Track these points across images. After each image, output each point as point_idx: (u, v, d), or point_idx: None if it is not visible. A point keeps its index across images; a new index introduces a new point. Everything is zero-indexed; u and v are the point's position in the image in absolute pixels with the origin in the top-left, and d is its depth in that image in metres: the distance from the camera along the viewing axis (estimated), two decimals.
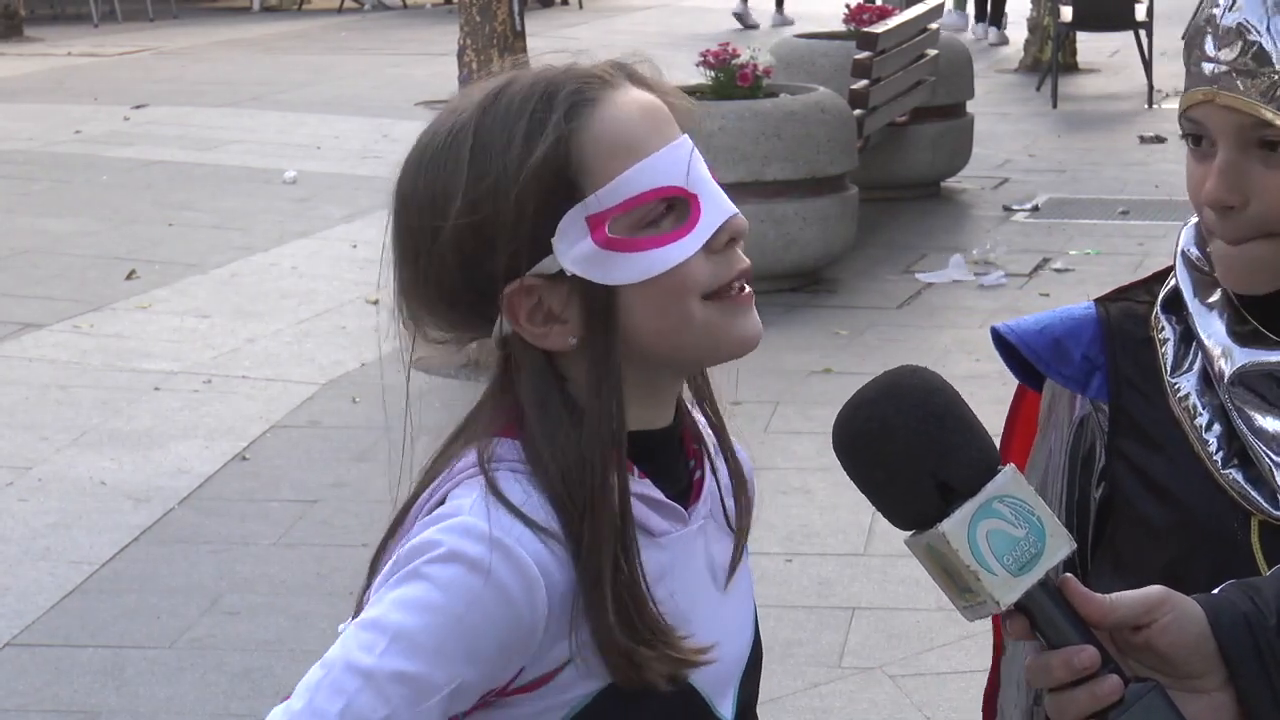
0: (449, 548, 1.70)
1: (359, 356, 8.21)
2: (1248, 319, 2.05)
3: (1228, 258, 2.01)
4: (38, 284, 9.53)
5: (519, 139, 1.72)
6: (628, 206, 1.73)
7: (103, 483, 6.76)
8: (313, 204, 11.54)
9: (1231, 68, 1.98)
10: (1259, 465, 2.02)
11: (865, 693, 5.14)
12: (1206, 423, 2.05)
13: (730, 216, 1.77)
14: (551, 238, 1.73)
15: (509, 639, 1.71)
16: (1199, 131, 2.01)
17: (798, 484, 6.58)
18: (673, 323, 1.75)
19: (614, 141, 1.73)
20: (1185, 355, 2.09)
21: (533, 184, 1.71)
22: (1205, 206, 2.00)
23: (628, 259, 1.73)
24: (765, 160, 9.14)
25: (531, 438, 1.76)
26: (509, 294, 1.75)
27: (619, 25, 22.30)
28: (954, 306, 9.13)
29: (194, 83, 16.88)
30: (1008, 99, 16.01)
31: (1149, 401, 2.10)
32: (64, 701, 5.14)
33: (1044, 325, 2.17)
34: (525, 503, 1.73)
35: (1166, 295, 2.13)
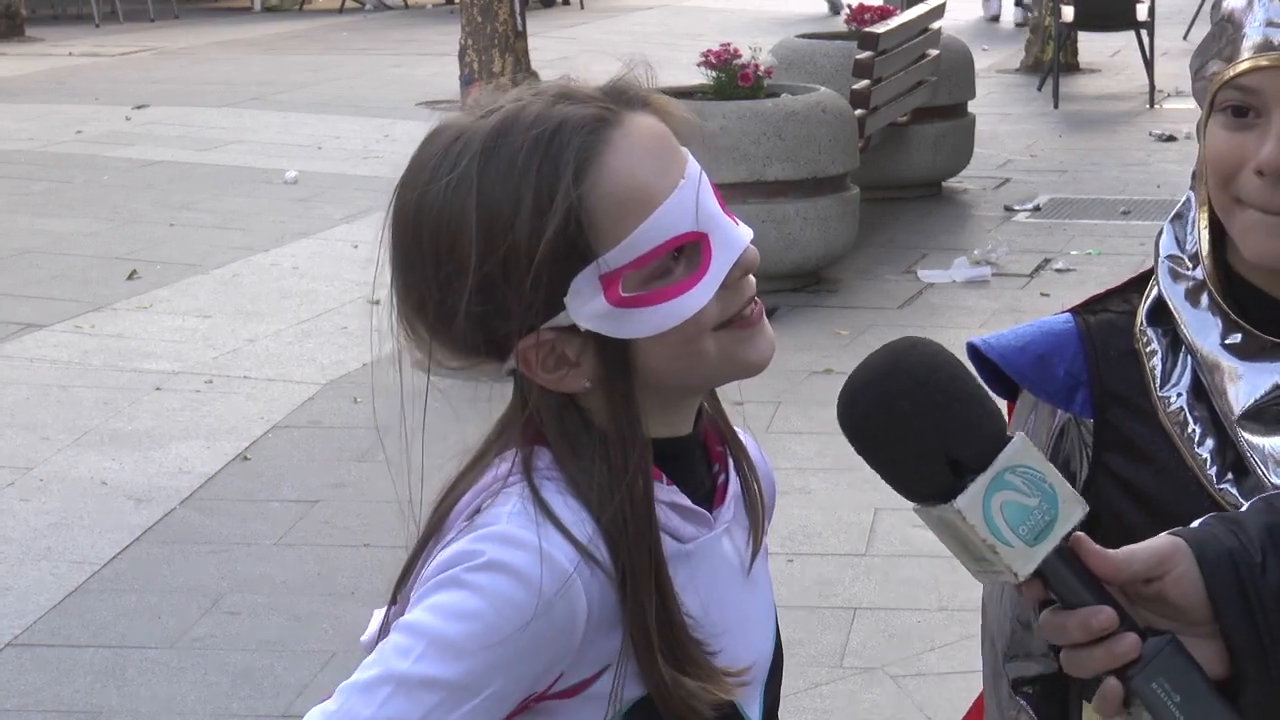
0: (490, 556, 1.70)
1: (360, 356, 8.21)
2: (1239, 324, 2.04)
3: (1272, 228, 1.99)
4: (39, 284, 9.53)
5: (528, 206, 1.69)
6: (640, 264, 1.71)
7: (104, 483, 6.76)
8: (314, 204, 11.54)
9: None
10: (1258, 478, 2.01)
11: (866, 693, 5.13)
12: (1199, 436, 2.05)
13: (742, 252, 1.76)
14: (564, 297, 1.72)
15: (548, 647, 1.71)
16: (1248, 101, 1.98)
17: (799, 484, 6.58)
18: (687, 361, 1.75)
19: (624, 199, 1.71)
20: (1174, 367, 2.09)
21: (547, 257, 1.69)
22: (1260, 172, 1.97)
23: (642, 314, 1.72)
24: (766, 160, 9.14)
25: (563, 463, 1.77)
26: (522, 348, 1.74)
27: (620, 25, 22.30)
28: (955, 306, 9.13)
29: (195, 83, 16.88)
30: (1009, 99, 16.01)
31: (1137, 416, 2.09)
32: (65, 702, 5.13)
33: (1025, 342, 2.15)
34: (563, 512, 1.73)
35: (1151, 304, 2.12)
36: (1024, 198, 11.68)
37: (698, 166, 1.76)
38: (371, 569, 5.83)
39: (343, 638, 5.35)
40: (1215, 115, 2.02)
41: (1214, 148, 2.02)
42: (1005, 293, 9.37)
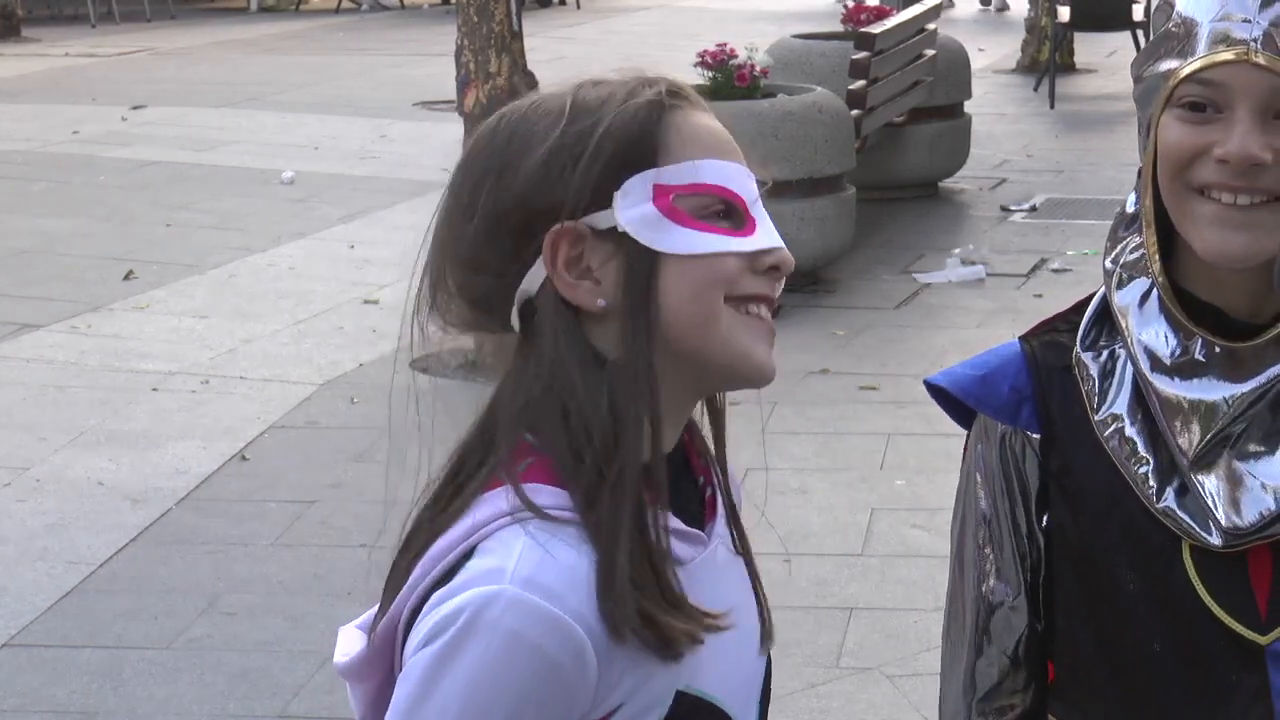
0: (489, 619, 1.68)
1: (357, 357, 8.21)
2: (1192, 331, 2.02)
3: (1228, 221, 1.98)
4: (36, 284, 9.53)
5: (619, 96, 1.77)
6: (694, 189, 1.76)
7: (100, 483, 6.76)
8: (310, 204, 11.54)
9: (1270, 28, 1.96)
10: (1196, 494, 2.01)
11: (863, 693, 5.14)
12: (1138, 455, 2.05)
13: (781, 247, 1.81)
14: (615, 191, 1.75)
15: (564, 705, 1.70)
16: (1209, 95, 1.97)
17: (795, 484, 6.58)
18: (703, 311, 1.76)
19: (698, 134, 1.79)
20: (1111, 384, 2.08)
21: (619, 132, 1.76)
22: (1223, 160, 1.96)
23: (681, 231, 1.75)
24: (763, 160, 9.12)
25: (556, 401, 1.74)
26: (554, 233, 1.75)
27: (616, 26, 22.31)
28: (952, 307, 9.14)
29: (191, 83, 16.88)
30: (1005, 99, 16.02)
31: (1077, 433, 2.09)
32: (61, 702, 5.13)
33: (972, 366, 2.18)
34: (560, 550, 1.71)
35: (1091, 317, 2.12)
36: (1020, 198, 11.69)
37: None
38: (368, 570, 5.82)
39: None
40: (1170, 110, 2.00)
41: (1170, 139, 2.00)
42: (1002, 293, 9.37)
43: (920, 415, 7.19)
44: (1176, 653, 2.04)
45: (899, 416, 7.33)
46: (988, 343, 2.25)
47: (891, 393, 7.63)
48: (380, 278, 9.42)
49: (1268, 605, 2.00)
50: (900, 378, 7.78)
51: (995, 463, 2.14)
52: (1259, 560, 2.01)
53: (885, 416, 7.35)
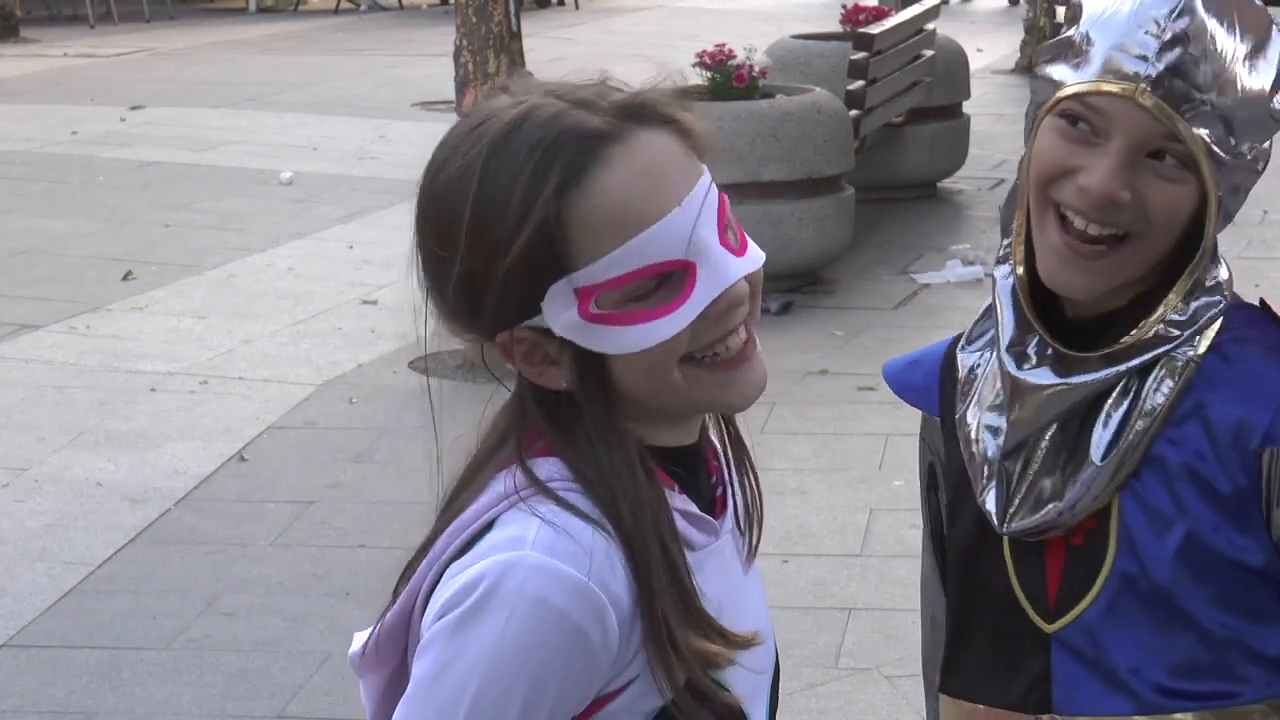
0: (518, 584, 1.68)
1: (355, 357, 8.21)
2: (1031, 327, 2.11)
3: (1073, 260, 2.04)
4: (34, 285, 9.53)
5: (515, 204, 1.69)
6: (615, 284, 1.70)
7: (99, 484, 6.76)
8: (309, 205, 11.54)
9: (1163, 73, 1.99)
10: (998, 489, 2.15)
11: (862, 693, 5.14)
12: (977, 446, 2.18)
13: (727, 287, 1.73)
14: (541, 301, 1.71)
15: (586, 672, 1.70)
16: (1090, 118, 2.01)
17: (794, 485, 6.59)
18: (656, 386, 1.74)
19: (608, 218, 1.69)
20: (975, 378, 2.21)
21: (520, 257, 1.69)
22: (1088, 192, 2.01)
23: (612, 331, 1.71)
24: (762, 161, 9.14)
25: (565, 454, 1.75)
26: (502, 340, 1.75)
27: (615, 26, 22.31)
28: (951, 307, 9.14)
29: (190, 83, 16.88)
30: (1004, 100, 16.02)
31: (949, 420, 2.24)
32: (60, 703, 5.13)
33: (914, 353, 2.34)
34: (582, 526, 1.71)
35: (982, 312, 2.23)
36: None
37: (706, 191, 1.74)
38: (367, 570, 5.82)
39: (338, 638, 5.34)
40: (1054, 119, 2.05)
41: (1045, 148, 2.05)
42: None
43: (919, 416, 7.18)
44: (992, 632, 2.18)
45: (898, 417, 7.33)
46: None
47: (890, 393, 7.61)
48: (379, 278, 9.43)
49: (1056, 596, 2.11)
50: None
51: (922, 447, 2.31)
52: (1054, 552, 2.12)
53: (884, 417, 7.35)
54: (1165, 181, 2.01)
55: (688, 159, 1.75)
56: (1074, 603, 2.10)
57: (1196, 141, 1.98)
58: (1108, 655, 2.09)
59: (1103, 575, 2.09)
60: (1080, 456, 2.08)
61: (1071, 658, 2.11)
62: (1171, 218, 2.02)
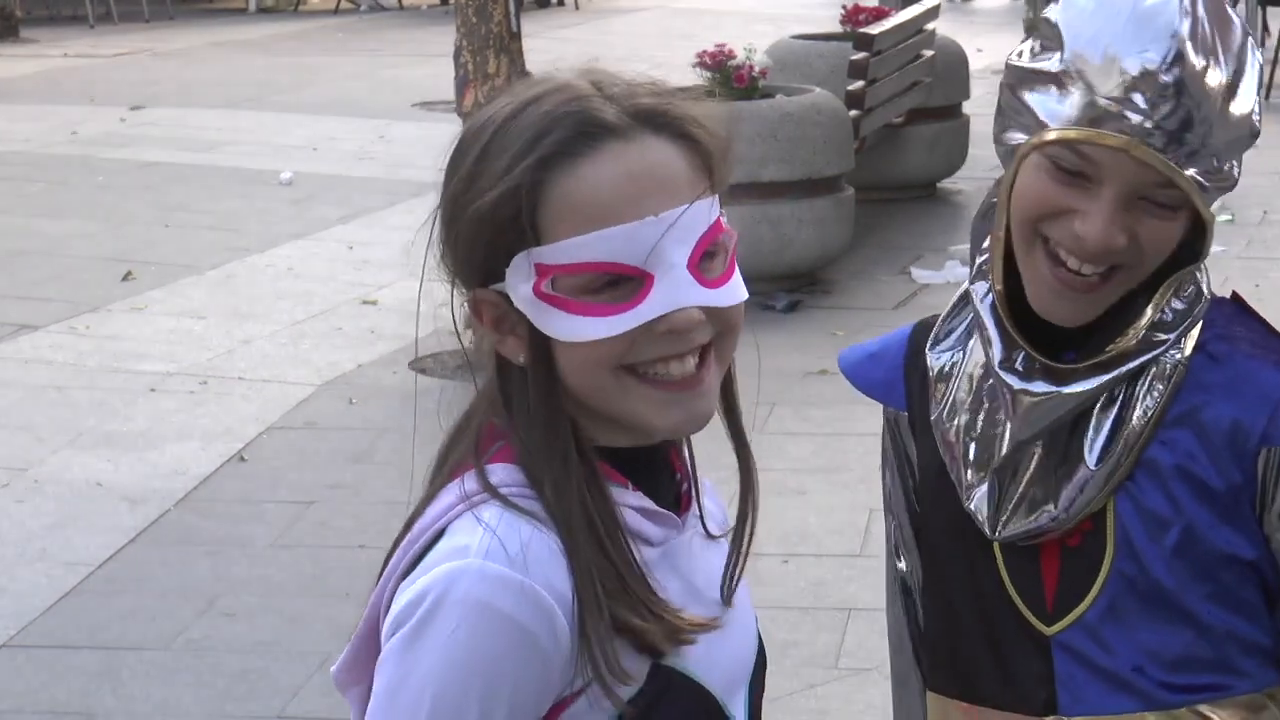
0: (457, 594, 1.69)
1: (355, 358, 8.21)
2: (1017, 343, 2.11)
3: (1064, 293, 2.05)
4: (34, 285, 9.52)
5: (505, 161, 1.73)
6: (572, 270, 1.71)
7: (99, 484, 6.76)
8: (309, 205, 11.54)
9: (1159, 125, 1.98)
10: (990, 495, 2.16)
11: (862, 693, 5.14)
12: (960, 452, 2.18)
13: (675, 309, 1.72)
14: (505, 267, 1.74)
15: (539, 675, 1.70)
16: (1082, 167, 2.00)
17: (794, 485, 6.58)
18: (590, 384, 1.75)
19: (579, 204, 1.71)
20: (949, 382, 2.20)
21: (489, 211, 1.72)
22: (1085, 241, 2.00)
23: (556, 316, 1.73)
24: (761, 161, 9.14)
25: (524, 451, 1.76)
26: (473, 296, 1.78)
27: (615, 26, 22.31)
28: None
29: (190, 84, 16.87)
30: None
31: (924, 417, 2.23)
32: (60, 703, 5.13)
33: (871, 343, 2.35)
34: (523, 526, 1.72)
35: (946, 315, 2.24)
36: None
37: (696, 214, 1.74)
38: (367, 570, 5.81)
39: (338, 639, 5.34)
40: (1040, 158, 2.03)
41: (1034, 188, 2.04)
42: None
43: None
44: (985, 633, 2.19)
45: None
46: None
47: None
48: (379, 278, 9.42)
49: (1054, 598, 2.13)
50: None
51: (888, 441, 2.31)
52: (1049, 556, 2.14)
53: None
54: (1159, 220, 2.02)
55: (689, 177, 1.75)
56: (1073, 604, 2.12)
57: (1191, 184, 1.99)
58: (1110, 655, 2.11)
59: (1101, 576, 2.10)
60: (1073, 461, 2.10)
61: (1073, 659, 2.13)
62: (1164, 249, 2.05)
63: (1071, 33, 2.02)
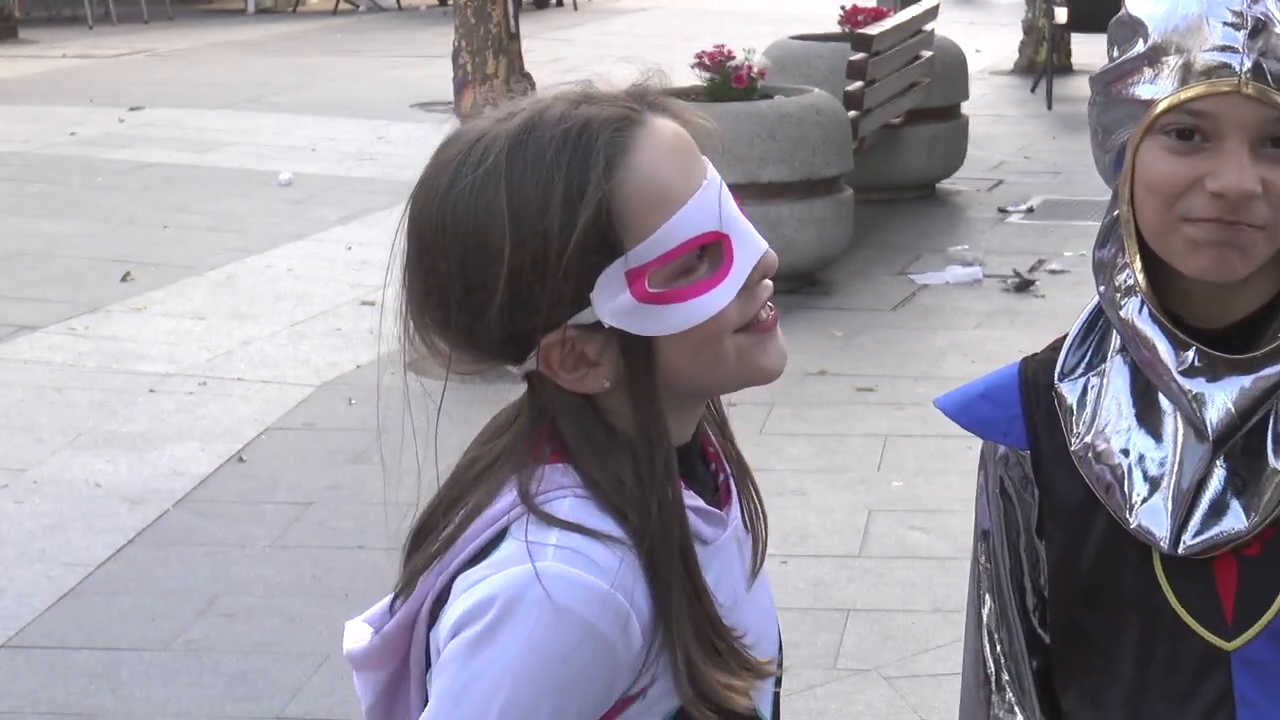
0: (542, 594, 1.66)
1: (354, 358, 8.21)
2: (1188, 343, 2.03)
3: (1219, 240, 1.97)
4: (33, 286, 9.53)
5: (558, 199, 1.68)
6: (666, 259, 1.71)
7: (98, 485, 6.76)
8: (308, 206, 11.54)
9: (1259, 59, 1.95)
10: (1163, 509, 2.05)
11: (861, 694, 5.14)
12: (1113, 475, 2.07)
13: (762, 254, 1.76)
14: (590, 292, 1.70)
15: (610, 678, 1.69)
16: (1197, 125, 1.96)
17: (793, 485, 6.58)
18: (707, 362, 1.75)
19: (651, 195, 1.70)
20: (1087, 408, 2.11)
21: (577, 249, 1.68)
22: (1224, 195, 1.95)
23: (667, 310, 1.71)
24: (761, 162, 9.15)
25: (585, 467, 1.74)
26: (544, 348, 1.72)
27: (614, 27, 22.31)
28: (949, 308, 9.14)
29: (189, 85, 16.88)
30: (1003, 101, 16.02)
31: (1058, 449, 2.12)
32: (59, 704, 5.13)
33: (972, 386, 2.21)
34: (599, 527, 1.70)
35: (1070, 344, 2.14)
36: (1018, 199, 11.69)
37: (717, 174, 1.77)
38: (366, 571, 5.83)
39: (337, 640, 5.33)
40: (1155, 137, 1.99)
41: (1159, 170, 1.99)
42: (999, 295, 9.37)
43: (918, 417, 7.19)
44: (1147, 658, 2.07)
45: (897, 418, 7.33)
46: (985, 344, 2.28)
47: (889, 394, 7.64)
48: (378, 279, 9.38)
49: (1234, 612, 2.03)
50: (898, 379, 7.78)
51: (996, 483, 2.18)
52: (1225, 567, 2.04)
53: (883, 418, 7.36)
54: None
55: (692, 141, 1.77)
56: (1255, 616, 2.02)
57: None
58: None
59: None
60: (1256, 465, 2.03)
61: (1255, 674, 2.03)
62: None
63: (1150, 15, 2.01)
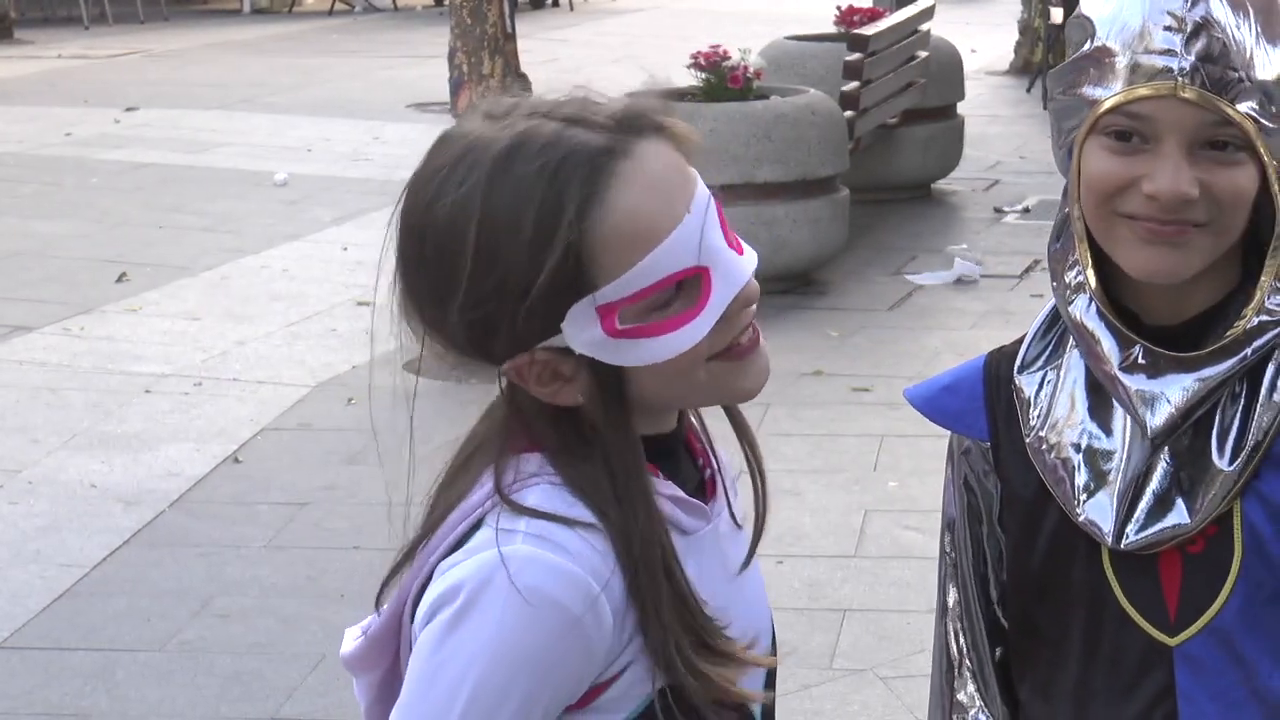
0: (512, 579, 1.67)
1: (349, 359, 8.21)
2: (1133, 340, 2.05)
3: (1155, 241, 1.99)
4: (28, 286, 9.52)
5: (528, 236, 1.67)
6: (638, 298, 1.70)
7: (93, 485, 6.75)
8: (303, 206, 11.54)
9: (1196, 62, 1.96)
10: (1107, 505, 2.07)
11: (857, 694, 5.14)
12: (1065, 469, 2.09)
13: (742, 287, 1.75)
14: (560, 323, 1.70)
15: (582, 663, 1.70)
16: (1135, 127, 1.98)
17: (788, 486, 6.58)
18: (679, 389, 1.76)
19: (626, 235, 1.69)
20: (1043, 402, 2.13)
21: (544, 288, 1.68)
22: (1156, 198, 1.97)
23: (637, 345, 1.71)
24: (756, 162, 9.14)
25: (558, 464, 1.75)
26: (515, 364, 1.73)
27: (609, 27, 22.31)
28: (944, 308, 9.14)
29: (184, 85, 16.87)
30: (998, 101, 16.03)
31: (1014, 440, 2.15)
32: (54, 705, 5.13)
33: (944, 376, 2.24)
34: (569, 513, 1.72)
35: (1031, 338, 2.17)
36: (1013, 199, 11.69)
37: (706, 194, 1.75)
38: (361, 571, 5.82)
39: (332, 640, 5.33)
40: (1097, 137, 2.01)
41: (1098, 168, 2.01)
42: (994, 294, 9.37)
43: (913, 417, 7.14)
44: (1093, 651, 2.10)
45: (892, 418, 7.33)
46: (980, 344, 2.29)
47: (884, 394, 7.63)
48: (373, 280, 9.40)
49: (1177, 608, 2.05)
50: (893, 379, 7.78)
51: (960, 474, 2.21)
52: (1169, 564, 2.05)
53: (878, 418, 7.35)
54: (1225, 167, 1.98)
55: (683, 165, 1.75)
56: (1198, 613, 2.04)
57: (1245, 119, 1.96)
58: (1238, 664, 2.03)
59: (1229, 582, 2.03)
60: (1199, 463, 2.03)
61: (1196, 670, 2.04)
62: (1238, 198, 1.99)
63: (1098, 15, 2.03)
